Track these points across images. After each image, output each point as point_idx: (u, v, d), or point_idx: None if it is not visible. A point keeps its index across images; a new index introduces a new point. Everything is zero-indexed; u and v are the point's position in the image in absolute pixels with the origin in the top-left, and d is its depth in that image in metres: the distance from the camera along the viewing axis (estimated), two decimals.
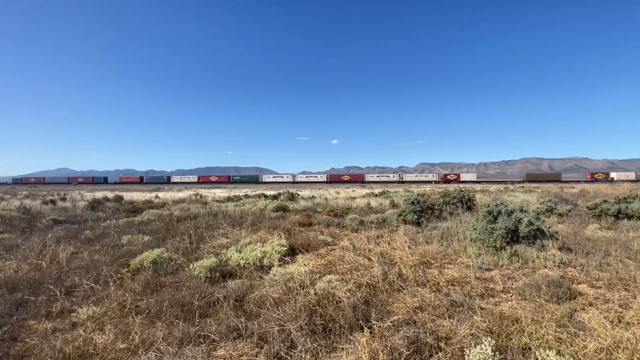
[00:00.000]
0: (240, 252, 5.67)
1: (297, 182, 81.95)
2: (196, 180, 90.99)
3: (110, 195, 21.37)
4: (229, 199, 19.93)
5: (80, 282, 4.57)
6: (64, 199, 19.31)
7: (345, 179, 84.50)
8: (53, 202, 17.04)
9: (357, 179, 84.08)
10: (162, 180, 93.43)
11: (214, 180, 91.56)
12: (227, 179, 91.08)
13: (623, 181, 58.74)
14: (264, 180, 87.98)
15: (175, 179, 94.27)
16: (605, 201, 10.23)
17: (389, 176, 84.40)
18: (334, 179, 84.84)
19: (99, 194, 23.51)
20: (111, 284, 4.42)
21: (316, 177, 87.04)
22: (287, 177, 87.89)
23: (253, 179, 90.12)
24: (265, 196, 20.82)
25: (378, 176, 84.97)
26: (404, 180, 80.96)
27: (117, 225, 9.57)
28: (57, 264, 5.52)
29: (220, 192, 30.20)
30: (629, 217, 9.18)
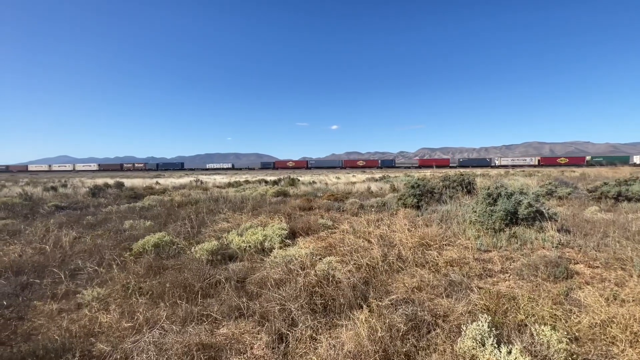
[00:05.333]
0: (241, 236, 5.71)
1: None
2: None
3: (110, 181, 21.40)
4: (230, 184, 19.97)
5: (84, 266, 4.65)
6: (64, 186, 19.36)
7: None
8: (54, 188, 17.09)
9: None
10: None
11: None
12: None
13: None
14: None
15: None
16: (605, 184, 10.23)
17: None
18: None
19: (99, 181, 23.56)
20: (114, 267, 4.48)
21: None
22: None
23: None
24: (266, 182, 20.85)
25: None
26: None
27: (118, 211, 9.63)
28: (60, 248, 5.59)
29: (221, 179, 30.22)
30: (629, 200, 9.19)
